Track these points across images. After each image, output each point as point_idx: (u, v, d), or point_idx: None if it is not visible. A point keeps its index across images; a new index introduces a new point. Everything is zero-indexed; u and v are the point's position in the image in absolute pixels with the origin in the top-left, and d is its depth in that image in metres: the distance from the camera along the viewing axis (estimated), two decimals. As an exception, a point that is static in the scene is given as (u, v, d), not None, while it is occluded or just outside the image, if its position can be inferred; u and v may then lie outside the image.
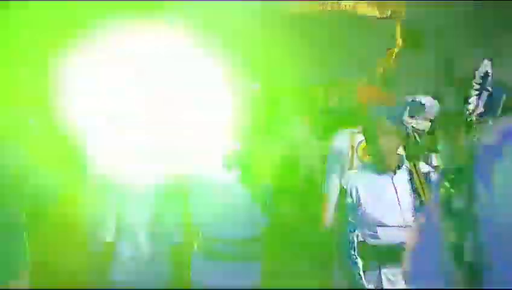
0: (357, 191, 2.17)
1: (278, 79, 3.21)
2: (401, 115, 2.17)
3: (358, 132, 3.17)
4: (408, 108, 2.19)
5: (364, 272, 2.09)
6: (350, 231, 2.13)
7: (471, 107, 2.52)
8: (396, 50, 2.19)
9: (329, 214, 3.19)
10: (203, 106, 2.21)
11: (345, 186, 2.21)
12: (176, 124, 2.38)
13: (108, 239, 2.29)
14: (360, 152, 3.12)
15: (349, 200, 2.17)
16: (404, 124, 2.15)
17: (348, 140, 3.15)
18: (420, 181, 2.15)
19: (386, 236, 2.06)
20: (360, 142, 3.13)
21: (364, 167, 2.27)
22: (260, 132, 2.49)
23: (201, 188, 1.93)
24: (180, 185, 2.13)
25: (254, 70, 3.11)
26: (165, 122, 2.41)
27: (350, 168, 3.11)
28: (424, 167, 2.21)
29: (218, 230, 1.92)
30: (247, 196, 1.87)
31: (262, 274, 2.09)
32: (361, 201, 2.14)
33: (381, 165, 2.15)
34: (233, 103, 2.17)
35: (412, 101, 2.27)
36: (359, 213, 2.14)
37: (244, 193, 1.87)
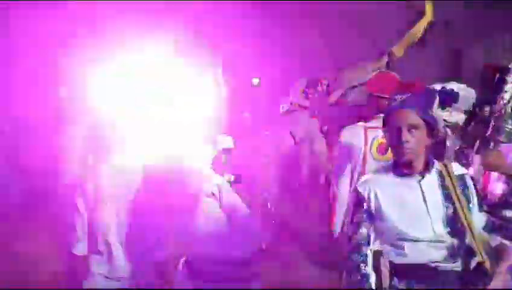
0: (376, 197, 1.80)
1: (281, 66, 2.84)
2: (430, 105, 1.79)
3: (372, 127, 2.81)
4: (438, 98, 1.81)
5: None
6: (363, 244, 1.76)
7: (507, 96, 2.15)
8: (425, 22, 1.80)
9: (338, 220, 2.84)
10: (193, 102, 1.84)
11: (360, 190, 1.84)
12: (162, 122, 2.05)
13: (79, 252, 1.94)
14: (374, 149, 2.75)
15: (365, 206, 1.80)
16: (433, 117, 1.77)
17: (360, 135, 2.78)
18: (454, 186, 1.78)
19: (414, 253, 1.69)
20: (375, 138, 2.76)
21: (385, 168, 1.89)
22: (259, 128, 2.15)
23: (188, 195, 1.55)
24: (163, 190, 1.76)
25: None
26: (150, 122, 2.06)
27: (363, 169, 2.76)
28: (457, 169, 1.83)
29: (209, 247, 1.55)
30: (243, 205, 1.49)
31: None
32: (382, 209, 1.77)
33: (406, 167, 1.78)
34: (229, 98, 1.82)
35: (443, 89, 1.89)
36: (378, 223, 1.77)
37: (240, 202, 1.49)
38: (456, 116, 1.80)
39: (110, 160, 1.96)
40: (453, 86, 1.89)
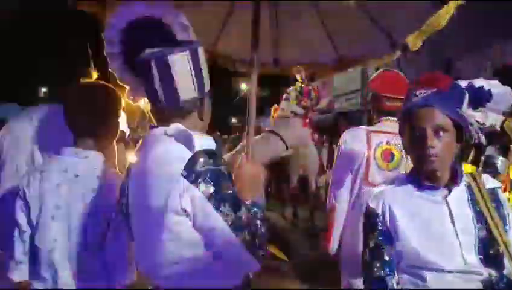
0: (391, 214, 1.45)
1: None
2: (459, 103, 1.45)
3: (376, 130, 2.48)
4: (467, 96, 1.48)
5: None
6: (388, 274, 1.41)
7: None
8: (453, 7, 1.48)
9: (336, 236, 2.49)
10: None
11: (373, 206, 1.49)
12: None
13: (18, 278, 1.54)
14: (379, 156, 2.41)
15: (381, 227, 1.46)
16: (464, 118, 1.44)
17: (362, 140, 2.44)
18: (485, 202, 1.45)
19: (439, 286, 1.35)
20: (379, 143, 2.42)
21: (401, 179, 1.55)
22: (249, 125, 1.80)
23: (157, 208, 1.18)
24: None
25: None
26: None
27: (365, 177, 2.42)
28: (488, 182, 1.50)
29: (180, 279, 1.18)
30: (224, 225, 1.13)
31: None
32: (399, 230, 1.42)
33: (429, 177, 1.44)
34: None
35: (470, 86, 1.56)
36: (396, 248, 1.43)
37: (221, 220, 1.12)
38: (493, 117, 1.47)
39: (62, 162, 1.57)
40: (482, 82, 1.56)
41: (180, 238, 1.12)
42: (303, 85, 6.02)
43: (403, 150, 2.37)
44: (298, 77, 5.85)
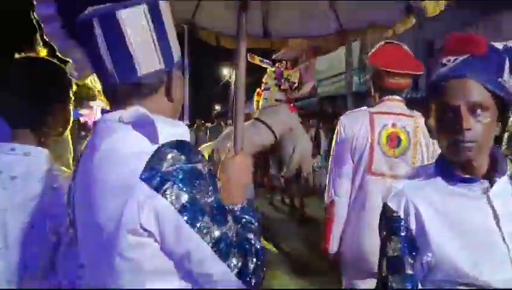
0: (417, 216, 1.15)
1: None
2: (500, 72, 1.15)
3: (380, 112, 2.18)
4: (508, 61, 1.17)
5: None
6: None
7: None
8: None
9: (336, 235, 2.19)
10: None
11: (393, 207, 1.19)
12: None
13: None
14: (384, 141, 2.11)
15: (404, 232, 1.16)
16: (507, 90, 1.14)
17: (364, 123, 2.13)
18: (531, 196, 1.16)
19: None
20: (384, 126, 2.12)
21: (427, 170, 1.25)
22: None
23: (107, 226, 0.84)
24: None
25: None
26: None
27: (369, 166, 2.12)
28: (532, 169, 1.21)
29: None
30: (205, 246, 0.81)
31: None
32: (428, 235, 1.13)
33: (464, 168, 1.14)
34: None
35: (507, 49, 1.25)
36: (425, 257, 1.13)
37: (199, 239, 0.80)
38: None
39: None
40: (525, 43, 1.25)
41: (141, 267, 0.79)
42: (274, 69, 5.81)
43: (411, 133, 2.09)
44: (264, 65, 5.70)
